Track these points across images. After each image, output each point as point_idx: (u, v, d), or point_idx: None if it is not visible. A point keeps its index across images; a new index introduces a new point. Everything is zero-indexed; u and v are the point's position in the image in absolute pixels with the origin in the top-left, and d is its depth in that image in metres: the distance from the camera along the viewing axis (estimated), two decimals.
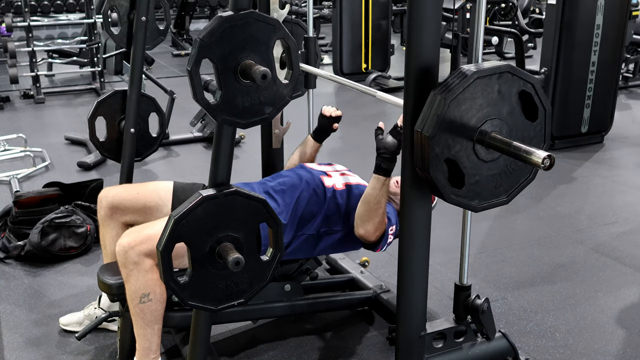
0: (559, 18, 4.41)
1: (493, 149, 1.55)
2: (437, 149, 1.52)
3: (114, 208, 2.18)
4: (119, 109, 2.52)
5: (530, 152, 1.44)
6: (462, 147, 1.55)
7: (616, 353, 2.31)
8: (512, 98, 1.58)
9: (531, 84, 1.58)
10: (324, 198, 2.12)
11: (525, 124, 1.61)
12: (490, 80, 1.53)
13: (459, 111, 1.51)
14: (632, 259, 3.04)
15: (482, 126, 1.55)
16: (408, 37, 1.61)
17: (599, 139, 4.93)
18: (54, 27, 10.75)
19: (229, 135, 1.46)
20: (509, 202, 1.66)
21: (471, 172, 1.58)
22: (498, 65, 1.54)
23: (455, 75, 1.53)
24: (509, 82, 1.56)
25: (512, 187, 1.66)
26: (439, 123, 1.50)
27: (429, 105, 1.53)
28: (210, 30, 1.30)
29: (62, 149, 4.83)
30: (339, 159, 2.71)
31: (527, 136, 1.61)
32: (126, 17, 2.46)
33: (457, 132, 1.53)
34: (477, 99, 1.53)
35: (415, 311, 1.82)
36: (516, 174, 1.64)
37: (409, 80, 1.63)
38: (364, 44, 7.21)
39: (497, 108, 1.56)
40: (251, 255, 1.48)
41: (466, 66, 1.55)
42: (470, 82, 1.50)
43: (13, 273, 2.92)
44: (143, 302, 1.88)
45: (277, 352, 2.32)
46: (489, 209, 1.64)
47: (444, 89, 1.51)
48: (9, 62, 6.01)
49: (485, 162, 1.59)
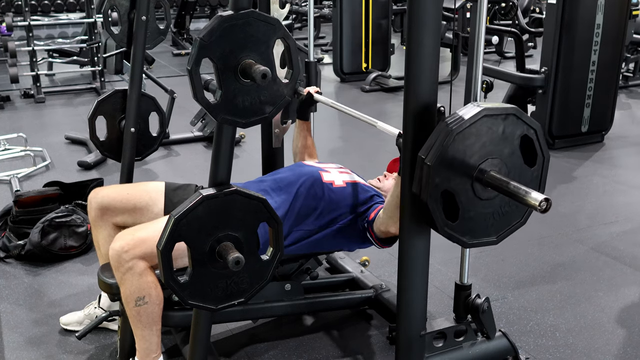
0: (559, 17, 4.40)
1: (491, 187, 1.59)
2: (437, 179, 1.55)
3: (104, 209, 2.16)
4: (119, 109, 2.51)
5: (528, 193, 1.47)
6: (461, 181, 1.59)
7: (616, 352, 2.32)
8: (515, 140, 1.62)
9: (534, 129, 1.62)
10: (322, 193, 2.12)
11: (524, 168, 1.65)
12: (496, 120, 1.57)
13: (463, 145, 1.55)
14: (632, 258, 3.04)
15: (483, 164, 1.59)
16: (408, 38, 1.62)
17: (599, 138, 4.93)
18: (54, 27, 10.76)
19: (229, 135, 1.46)
20: (498, 242, 1.70)
21: (466, 207, 1.62)
22: (506, 107, 1.59)
23: (464, 110, 1.57)
24: (514, 124, 1.60)
25: (503, 229, 1.69)
26: (443, 154, 1.53)
27: (436, 134, 1.56)
28: (210, 29, 1.30)
29: (62, 149, 4.83)
30: (339, 159, 2.72)
31: (523, 180, 1.64)
32: (126, 17, 2.46)
33: (459, 166, 1.57)
34: (481, 136, 1.57)
35: (415, 310, 1.82)
36: (509, 215, 1.68)
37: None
38: (364, 44, 7.21)
39: (499, 148, 1.60)
40: (251, 255, 1.48)
41: (475, 103, 1.59)
42: (477, 119, 1.54)
43: (13, 272, 2.92)
44: (139, 305, 1.87)
45: (277, 351, 2.32)
46: (479, 247, 1.69)
47: (453, 122, 1.55)
48: (10, 62, 6.01)
49: (481, 200, 1.62)
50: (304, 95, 2.47)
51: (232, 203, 1.44)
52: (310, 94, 2.45)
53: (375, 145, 4.76)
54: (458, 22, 7.12)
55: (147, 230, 1.89)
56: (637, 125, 5.58)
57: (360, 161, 4.47)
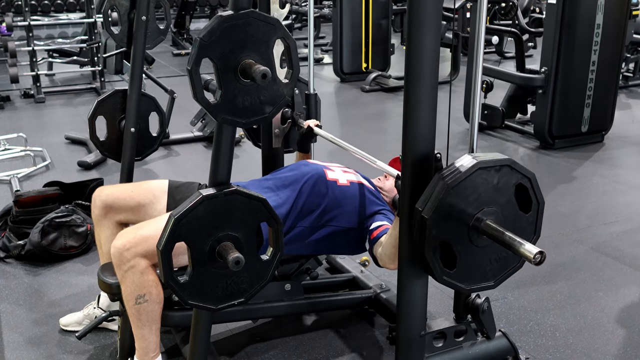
0: (559, 17, 4.40)
1: (487, 236, 1.61)
2: (434, 232, 1.58)
3: (108, 207, 2.17)
4: (119, 109, 2.52)
5: (523, 245, 1.49)
6: (457, 231, 1.61)
7: (616, 352, 2.32)
8: (510, 189, 1.64)
9: (528, 178, 1.65)
10: (325, 190, 2.12)
11: (519, 214, 1.67)
12: (490, 172, 1.60)
13: (458, 198, 1.58)
14: (632, 258, 3.04)
15: (479, 214, 1.61)
16: (408, 38, 1.62)
17: (599, 138, 4.93)
18: (54, 27, 10.76)
19: (229, 135, 1.46)
20: (495, 287, 1.73)
21: (464, 256, 1.64)
22: (500, 159, 1.61)
23: (459, 162, 1.60)
24: (508, 175, 1.63)
25: (501, 273, 1.72)
26: (439, 207, 1.56)
27: (432, 187, 1.59)
28: (210, 29, 1.30)
29: (62, 149, 4.83)
30: (339, 159, 2.72)
31: (519, 227, 1.67)
32: (126, 17, 2.46)
33: (455, 217, 1.60)
34: (476, 188, 1.60)
35: (415, 310, 1.82)
36: (506, 260, 1.70)
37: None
38: (364, 44, 7.21)
39: (495, 197, 1.63)
40: (251, 255, 1.48)
41: (469, 155, 1.62)
42: (472, 172, 1.57)
43: (13, 272, 2.92)
44: (139, 303, 1.88)
45: (277, 351, 2.32)
46: (477, 292, 1.72)
47: (448, 175, 1.57)
48: (10, 62, 6.01)
49: (478, 247, 1.65)
50: (304, 128, 2.49)
51: (232, 203, 1.44)
52: (310, 127, 2.48)
53: (376, 145, 4.76)
54: (458, 22, 7.11)
55: (149, 228, 1.89)
56: (637, 125, 5.58)
57: (360, 161, 4.46)
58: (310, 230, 2.10)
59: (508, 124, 5.21)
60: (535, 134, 4.83)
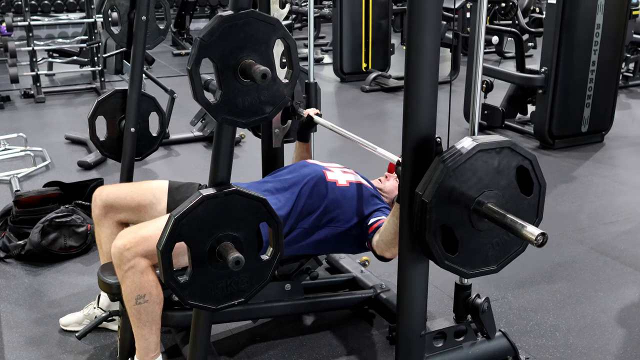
0: (559, 17, 4.40)
1: (488, 220, 1.59)
2: (434, 215, 1.56)
3: (108, 207, 2.18)
4: (119, 109, 2.52)
5: (525, 227, 1.48)
6: (459, 215, 1.60)
7: (616, 352, 2.32)
8: (510, 172, 1.63)
9: (529, 160, 1.64)
10: (325, 191, 2.12)
11: (521, 197, 1.66)
12: (491, 154, 1.58)
13: (459, 181, 1.56)
14: (633, 258, 3.04)
15: (480, 197, 1.60)
16: (408, 38, 1.62)
17: (599, 138, 4.93)
18: (54, 27, 10.76)
19: (229, 135, 1.46)
20: (498, 271, 1.71)
21: (465, 240, 1.63)
22: (500, 141, 1.60)
23: (460, 144, 1.58)
24: (509, 157, 1.61)
25: (503, 257, 1.70)
26: (439, 191, 1.54)
27: (432, 171, 1.58)
28: (210, 29, 1.30)
29: (62, 149, 4.83)
30: (339, 159, 2.72)
31: (521, 209, 1.66)
32: (126, 17, 2.46)
33: (455, 201, 1.58)
34: (477, 170, 1.58)
35: (415, 310, 1.82)
36: (508, 244, 1.69)
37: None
38: (364, 44, 7.21)
39: (496, 180, 1.61)
40: (251, 255, 1.48)
41: (470, 138, 1.60)
42: (472, 155, 1.55)
43: (13, 272, 2.92)
44: (139, 303, 1.88)
45: (277, 351, 2.32)
46: (479, 276, 1.70)
47: (448, 157, 1.56)
48: (10, 62, 6.01)
49: (480, 231, 1.63)
50: (304, 117, 2.49)
51: (232, 203, 1.44)
52: (310, 116, 2.48)
53: (376, 145, 4.76)
54: (458, 22, 7.11)
55: (149, 228, 1.90)
56: (637, 125, 5.58)
57: (360, 161, 4.47)
58: (310, 231, 2.10)
59: (508, 124, 5.21)
60: (535, 134, 4.83)
